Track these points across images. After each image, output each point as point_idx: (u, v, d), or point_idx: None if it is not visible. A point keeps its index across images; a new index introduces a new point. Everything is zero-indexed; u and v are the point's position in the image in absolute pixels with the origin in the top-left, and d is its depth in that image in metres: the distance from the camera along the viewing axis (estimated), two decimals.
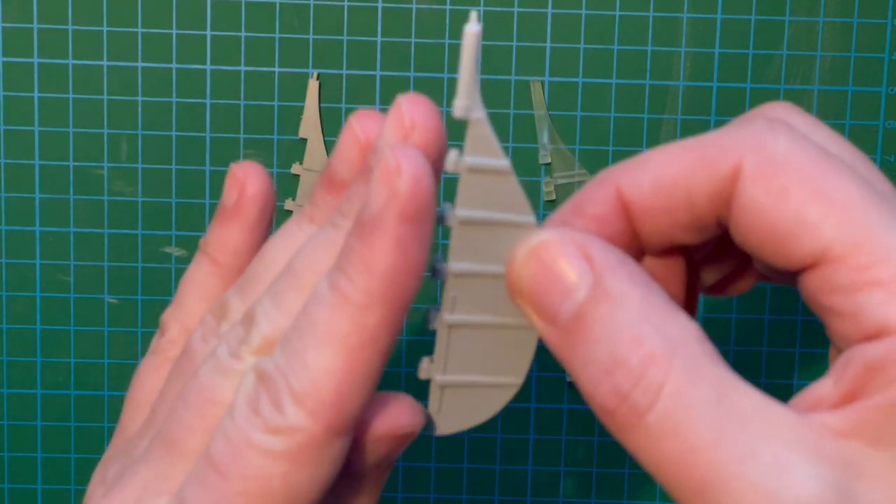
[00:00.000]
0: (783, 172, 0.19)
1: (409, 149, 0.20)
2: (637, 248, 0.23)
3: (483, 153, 0.21)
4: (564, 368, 0.20)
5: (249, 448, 0.20)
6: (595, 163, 0.37)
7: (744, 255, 0.24)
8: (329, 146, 0.37)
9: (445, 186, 0.37)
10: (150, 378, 0.26)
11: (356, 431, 0.21)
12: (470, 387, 0.24)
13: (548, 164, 0.37)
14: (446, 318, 0.23)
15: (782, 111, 0.22)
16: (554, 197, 0.37)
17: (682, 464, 0.18)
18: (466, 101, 0.21)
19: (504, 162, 0.21)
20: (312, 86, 0.37)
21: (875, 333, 0.18)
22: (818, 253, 0.19)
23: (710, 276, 0.25)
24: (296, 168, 0.37)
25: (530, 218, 0.22)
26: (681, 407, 0.18)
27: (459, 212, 0.22)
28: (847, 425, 0.18)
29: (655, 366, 0.19)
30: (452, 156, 0.21)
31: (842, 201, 0.19)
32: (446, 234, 0.22)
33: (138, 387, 0.27)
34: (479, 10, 0.24)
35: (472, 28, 0.20)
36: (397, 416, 0.22)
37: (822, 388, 0.19)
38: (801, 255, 0.19)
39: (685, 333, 0.19)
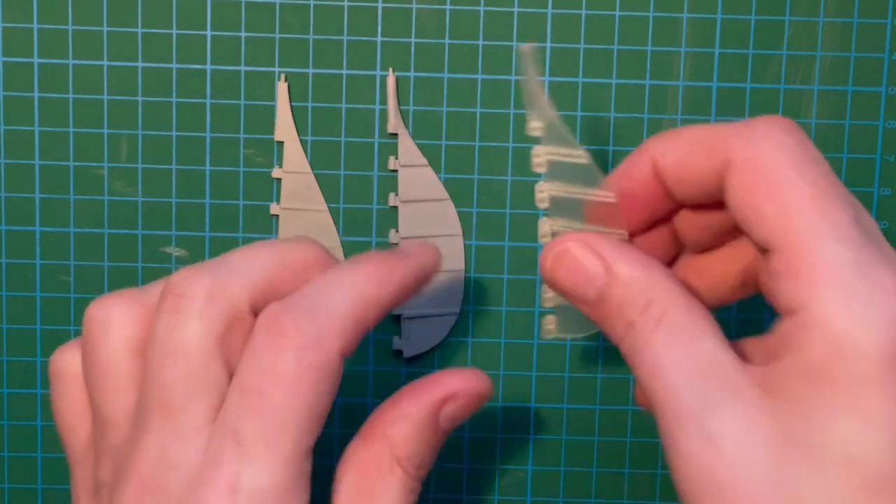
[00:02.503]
0: (758, 172, 0.25)
1: None
2: (671, 203, 0.29)
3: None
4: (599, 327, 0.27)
5: None
6: (595, 162, 0.37)
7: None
8: (320, 146, 0.37)
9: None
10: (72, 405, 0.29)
11: (450, 395, 0.28)
12: (426, 318, 0.35)
13: None
14: None
15: (785, 125, 0.26)
16: (547, 205, 0.37)
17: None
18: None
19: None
20: (282, 87, 0.37)
21: (785, 312, 0.24)
22: (763, 241, 0.24)
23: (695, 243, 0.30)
24: (276, 172, 0.37)
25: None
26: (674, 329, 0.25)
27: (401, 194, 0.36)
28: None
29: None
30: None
31: (791, 204, 0.24)
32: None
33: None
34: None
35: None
36: (481, 384, 0.28)
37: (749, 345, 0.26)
38: (756, 239, 0.25)
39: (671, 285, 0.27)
